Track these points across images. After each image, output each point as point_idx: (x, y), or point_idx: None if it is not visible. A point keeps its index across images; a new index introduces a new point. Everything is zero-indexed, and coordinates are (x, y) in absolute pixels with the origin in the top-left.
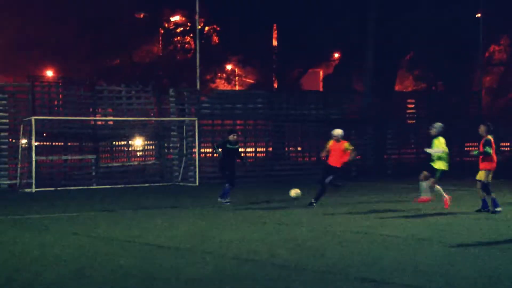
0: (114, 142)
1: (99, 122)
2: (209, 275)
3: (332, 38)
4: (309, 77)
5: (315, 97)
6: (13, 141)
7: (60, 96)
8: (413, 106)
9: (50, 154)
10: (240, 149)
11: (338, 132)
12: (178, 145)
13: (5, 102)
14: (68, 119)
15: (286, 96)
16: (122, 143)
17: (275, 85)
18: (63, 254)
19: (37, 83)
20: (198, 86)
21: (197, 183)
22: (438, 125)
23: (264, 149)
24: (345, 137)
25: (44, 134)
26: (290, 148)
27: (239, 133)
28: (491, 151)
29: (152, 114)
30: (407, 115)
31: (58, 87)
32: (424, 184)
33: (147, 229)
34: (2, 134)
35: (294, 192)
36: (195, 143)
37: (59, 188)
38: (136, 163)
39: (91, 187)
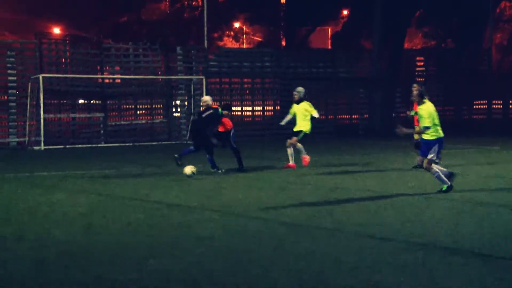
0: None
1: (107, 80)
2: (218, 233)
3: None
4: (318, 35)
5: (323, 55)
6: (21, 98)
7: (68, 54)
8: (422, 64)
9: (58, 112)
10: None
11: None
12: (186, 103)
13: (13, 60)
14: (75, 77)
15: (294, 54)
16: (130, 101)
17: (283, 43)
18: (72, 212)
19: (45, 41)
20: (205, 44)
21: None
22: (301, 89)
23: (272, 108)
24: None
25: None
26: None
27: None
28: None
29: (159, 73)
30: (416, 73)
31: (66, 45)
32: (289, 151)
33: (156, 187)
34: (10, 91)
35: (189, 170)
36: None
37: (67, 146)
38: (143, 121)
39: (100, 145)
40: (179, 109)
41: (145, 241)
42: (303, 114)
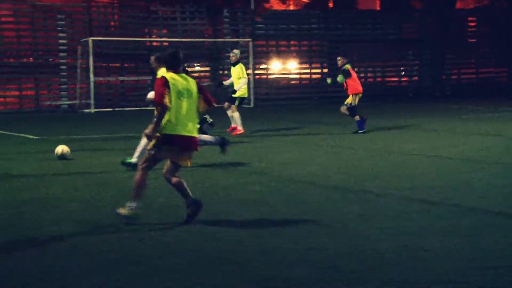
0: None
1: (154, 43)
2: (264, 196)
3: None
4: None
5: (371, 16)
6: (71, 62)
7: (116, 17)
8: (474, 24)
9: (107, 75)
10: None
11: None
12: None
13: (63, 23)
14: (124, 40)
15: (341, 16)
16: None
17: (331, 5)
18: (119, 172)
19: (93, 4)
20: (252, 6)
21: (252, 105)
22: (237, 52)
23: (320, 71)
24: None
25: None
26: None
27: None
28: (343, 79)
29: (206, 35)
30: (468, 34)
31: (114, 8)
32: (234, 115)
33: (202, 150)
34: (61, 54)
35: (61, 150)
36: (249, 64)
37: (117, 109)
38: None
39: (148, 108)
40: (226, 72)
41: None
42: (237, 77)
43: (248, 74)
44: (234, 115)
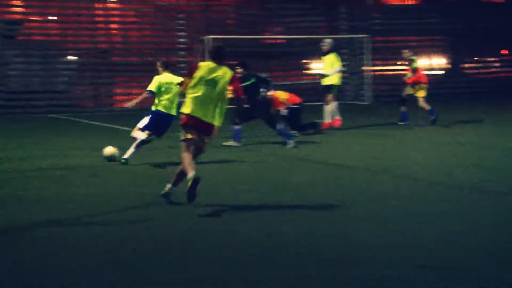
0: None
1: (270, 41)
2: (387, 194)
3: None
4: None
5: (496, 8)
6: (190, 59)
7: (233, 15)
8: None
9: None
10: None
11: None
12: (349, 63)
13: (182, 22)
14: (240, 38)
15: (464, 9)
16: (293, 61)
17: None
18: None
19: (212, 2)
20: (369, 2)
21: (369, 102)
22: (330, 41)
23: (441, 66)
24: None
25: None
26: (466, 65)
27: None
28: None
29: (321, 32)
30: None
31: (231, 6)
32: (330, 106)
33: (318, 147)
34: (181, 53)
35: (110, 151)
36: (366, 60)
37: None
38: (306, 81)
39: None
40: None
41: (320, 197)
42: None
43: (363, 71)
44: (331, 106)
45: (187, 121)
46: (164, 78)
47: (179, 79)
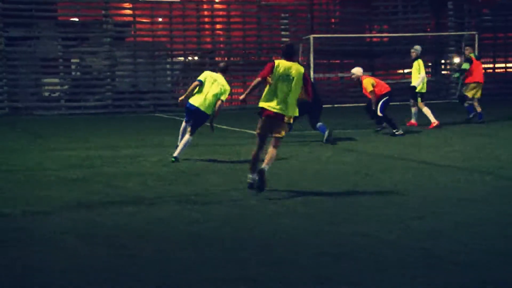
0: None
1: (375, 39)
2: (486, 196)
3: None
4: None
5: None
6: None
7: (337, 13)
8: None
9: (327, 72)
10: None
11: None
12: (460, 60)
13: (286, 21)
14: (344, 37)
15: None
16: (397, 59)
17: None
18: (338, 169)
19: (316, 1)
20: None
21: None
22: (418, 48)
23: None
24: None
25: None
26: None
27: None
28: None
29: (428, 29)
30: None
31: (336, 5)
32: (424, 111)
33: (422, 146)
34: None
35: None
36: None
37: (335, 105)
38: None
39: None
40: (448, 67)
41: (411, 200)
42: (417, 73)
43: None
44: (424, 110)
45: (264, 113)
46: (214, 75)
47: (226, 84)
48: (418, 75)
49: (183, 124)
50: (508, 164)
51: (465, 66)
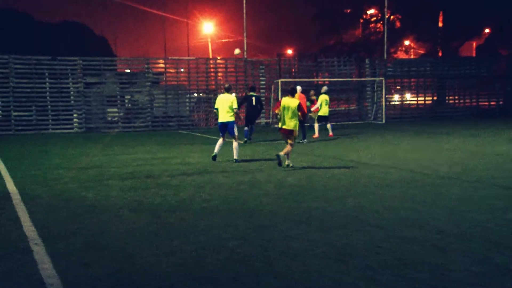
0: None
1: (320, 82)
2: (393, 183)
3: (484, 17)
4: (465, 47)
5: (468, 60)
6: (268, 95)
7: (296, 66)
8: None
9: None
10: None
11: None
12: (371, 96)
13: (263, 71)
14: (300, 81)
15: (447, 61)
16: (334, 95)
17: (440, 54)
18: (297, 166)
19: (282, 58)
20: (385, 56)
21: (383, 121)
22: (325, 87)
23: (431, 98)
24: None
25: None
26: (450, 97)
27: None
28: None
29: (354, 76)
30: None
31: (295, 60)
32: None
33: (351, 150)
34: (262, 90)
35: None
36: (382, 95)
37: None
38: (343, 108)
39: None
40: (366, 100)
41: (345, 186)
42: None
43: (381, 101)
44: (316, 126)
45: (281, 131)
46: (222, 96)
47: (231, 97)
48: (325, 105)
49: (220, 139)
50: (406, 161)
51: (308, 104)
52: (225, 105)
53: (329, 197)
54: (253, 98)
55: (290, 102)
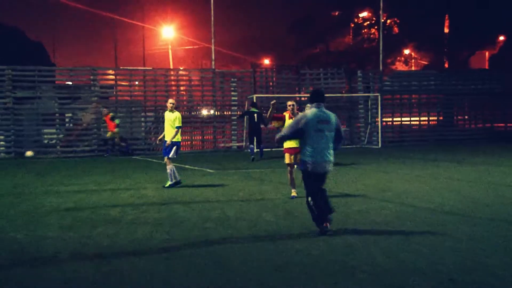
0: None
1: (303, 98)
2: (390, 219)
3: (498, 23)
4: (476, 57)
5: (480, 74)
6: (239, 113)
7: (274, 79)
8: None
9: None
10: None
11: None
12: (364, 115)
13: (235, 84)
14: (279, 97)
15: (455, 74)
16: None
17: (446, 65)
18: (277, 199)
19: (258, 69)
20: (380, 68)
21: (379, 146)
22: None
23: (436, 118)
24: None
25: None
26: (459, 117)
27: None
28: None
29: (343, 91)
30: None
31: (273, 72)
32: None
33: (340, 181)
34: (232, 108)
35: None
36: (378, 113)
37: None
38: None
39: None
40: (358, 120)
41: (333, 223)
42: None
43: (376, 121)
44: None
45: (289, 151)
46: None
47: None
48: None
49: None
50: (406, 194)
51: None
52: (168, 123)
53: (313, 238)
54: (255, 114)
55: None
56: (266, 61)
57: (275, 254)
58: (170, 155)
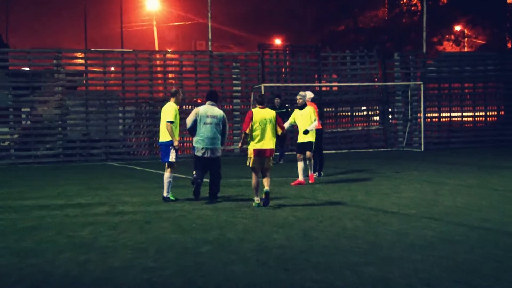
0: (338, 108)
1: (324, 88)
2: (434, 241)
3: None
4: None
5: None
6: (244, 108)
7: (288, 63)
8: None
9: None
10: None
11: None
12: (403, 110)
13: (238, 71)
14: (294, 86)
15: None
16: (346, 108)
17: (509, 45)
18: (290, 216)
19: (267, 51)
20: (424, 49)
21: (422, 149)
22: (303, 94)
23: (496, 113)
24: None
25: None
26: None
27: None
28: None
29: (376, 79)
30: None
31: (286, 55)
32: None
33: (371, 193)
34: (235, 101)
35: None
36: (420, 107)
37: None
38: (359, 128)
39: None
40: (395, 116)
41: (362, 247)
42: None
43: (418, 118)
44: (301, 164)
45: (256, 152)
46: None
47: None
48: (309, 123)
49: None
50: (455, 210)
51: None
52: (162, 119)
53: (337, 265)
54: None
55: (265, 114)
56: (278, 41)
57: (288, 286)
58: (170, 159)
